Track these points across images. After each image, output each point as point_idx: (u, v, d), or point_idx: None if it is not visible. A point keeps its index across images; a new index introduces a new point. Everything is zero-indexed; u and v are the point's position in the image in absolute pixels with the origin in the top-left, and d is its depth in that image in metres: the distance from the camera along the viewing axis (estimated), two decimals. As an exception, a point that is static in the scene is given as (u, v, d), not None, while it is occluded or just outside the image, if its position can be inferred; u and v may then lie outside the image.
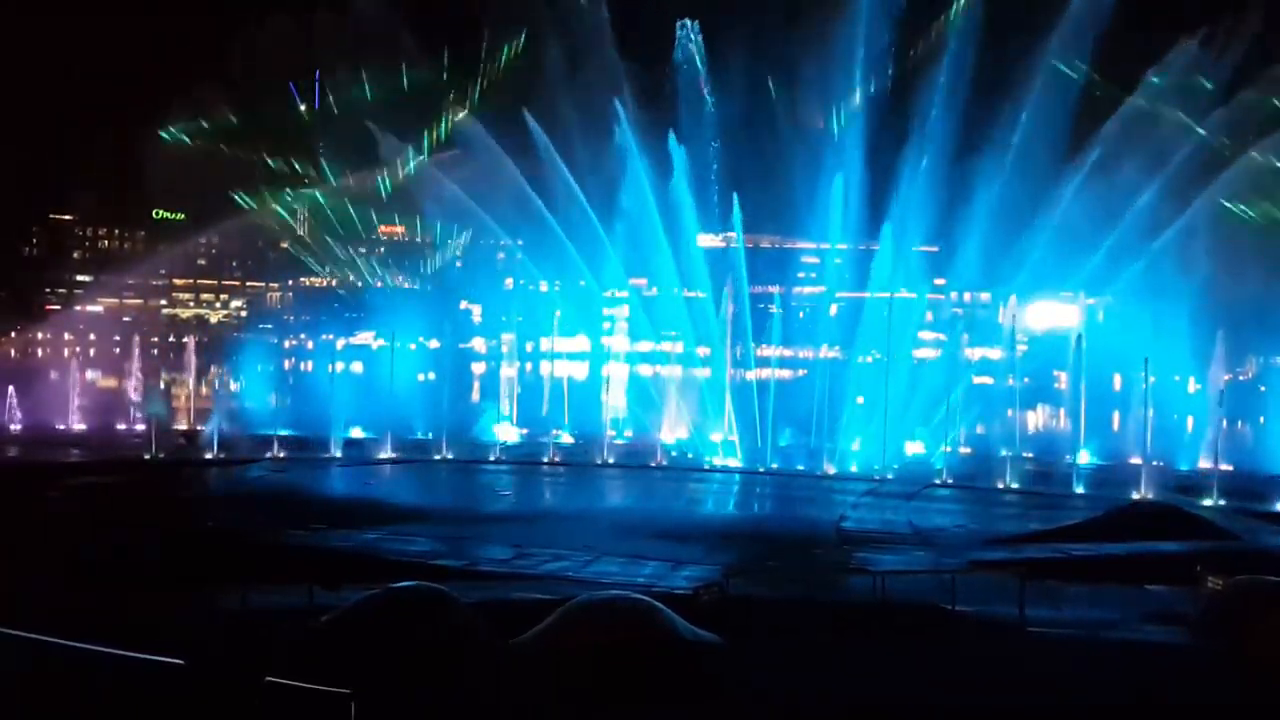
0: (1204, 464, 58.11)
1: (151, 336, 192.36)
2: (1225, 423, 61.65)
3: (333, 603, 23.32)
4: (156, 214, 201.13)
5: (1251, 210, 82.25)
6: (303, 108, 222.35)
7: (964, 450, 64.30)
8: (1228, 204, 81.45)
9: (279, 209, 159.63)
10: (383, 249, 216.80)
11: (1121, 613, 26.70)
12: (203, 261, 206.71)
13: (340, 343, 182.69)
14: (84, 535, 31.22)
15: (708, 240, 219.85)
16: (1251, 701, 20.17)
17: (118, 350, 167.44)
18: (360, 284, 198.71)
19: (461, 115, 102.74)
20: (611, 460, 58.96)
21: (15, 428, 64.68)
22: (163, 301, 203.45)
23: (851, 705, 19.45)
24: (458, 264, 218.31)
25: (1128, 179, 79.65)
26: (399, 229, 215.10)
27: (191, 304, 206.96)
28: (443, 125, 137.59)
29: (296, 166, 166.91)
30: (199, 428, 66.75)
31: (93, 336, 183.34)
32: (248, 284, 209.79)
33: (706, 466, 56.89)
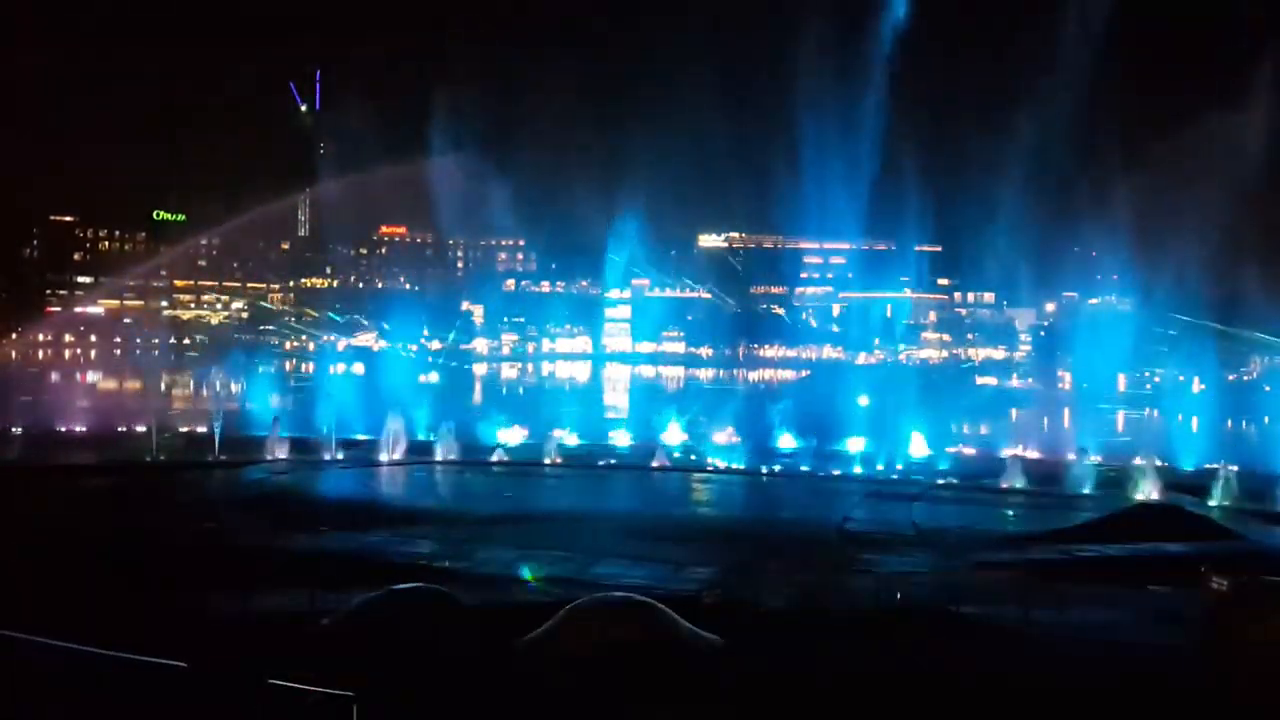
0: (1208, 464, 58.06)
1: (153, 338, 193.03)
2: (1230, 422, 61.66)
3: (334, 605, 23.27)
4: (157, 215, 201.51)
5: None
6: (303, 107, 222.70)
7: (968, 450, 64.18)
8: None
9: None
10: (384, 249, 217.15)
11: (1126, 614, 26.64)
12: (203, 263, 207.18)
13: (342, 344, 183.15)
14: (84, 537, 31.14)
15: (710, 240, 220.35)
16: (1255, 702, 20.10)
17: (118, 351, 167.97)
18: (362, 285, 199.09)
19: None
20: (613, 461, 58.84)
21: (16, 429, 64.53)
22: (164, 303, 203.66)
23: (853, 706, 19.38)
24: (459, 265, 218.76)
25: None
26: (400, 229, 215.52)
27: (193, 305, 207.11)
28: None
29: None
30: (200, 429, 66.67)
31: (94, 338, 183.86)
32: (249, 285, 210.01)
33: (709, 467, 56.73)
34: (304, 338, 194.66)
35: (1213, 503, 45.56)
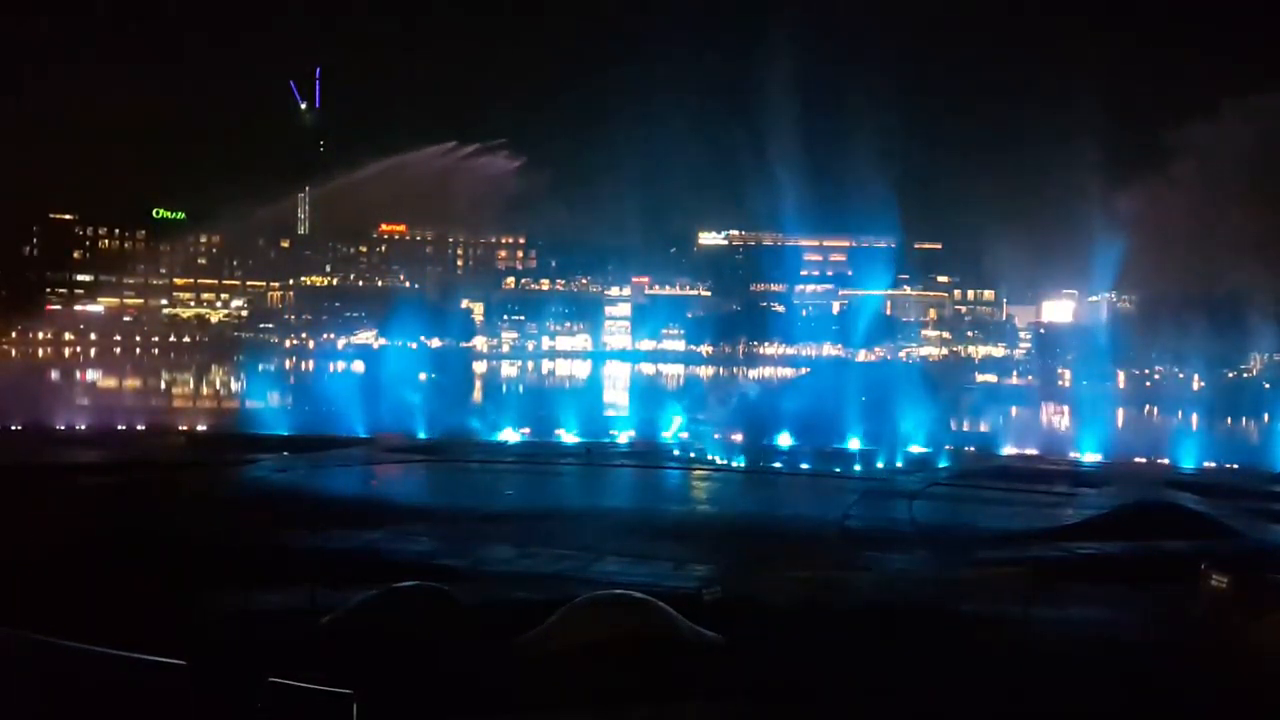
0: (1208, 461, 58.15)
1: (152, 336, 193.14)
2: (1229, 419, 61.76)
3: (335, 603, 23.29)
4: (157, 213, 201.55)
5: None
6: (303, 106, 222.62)
7: (968, 448, 64.21)
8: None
9: None
10: (384, 247, 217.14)
11: (1126, 611, 26.64)
12: (203, 261, 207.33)
13: (341, 342, 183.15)
14: (86, 535, 31.14)
15: (710, 238, 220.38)
16: (1254, 699, 20.13)
17: (118, 350, 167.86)
18: (361, 283, 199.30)
19: None
20: (614, 459, 58.83)
21: (16, 427, 64.51)
22: (163, 301, 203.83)
23: (853, 704, 19.38)
24: (458, 263, 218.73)
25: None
26: (400, 227, 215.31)
27: (192, 303, 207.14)
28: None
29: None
30: (200, 427, 66.76)
31: (94, 336, 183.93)
32: (248, 283, 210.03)
33: (709, 465, 56.71)
34: (304, 335, 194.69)
35: (1212, 500, 45.50)
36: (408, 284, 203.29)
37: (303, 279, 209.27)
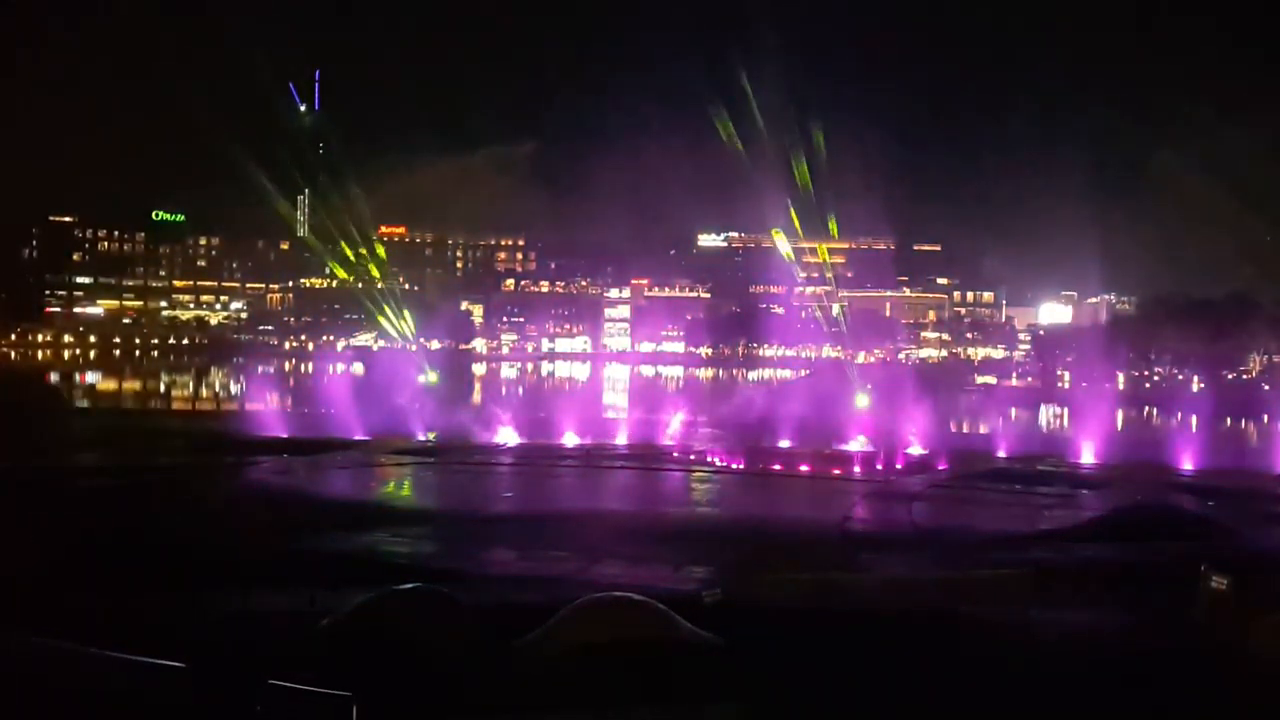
0: (1208, 463, 58.14)
1: (152, 338, 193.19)
2: (1229, 421, 61.74)
3: (335, 605, 23.27)
4: (156, 215, 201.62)
5: None
6: (302, 108, 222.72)
7: (967, 450, 64.18)
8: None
9: None
10: (384, 249, 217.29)
11: (1126, 613, 26.62)
12: (203, 263, 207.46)
13: (341, 344, 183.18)
14: (88, 537, 31.13)
15: (709, 240, 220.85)
16: (1255, 700, 20.14)
17: (117, 352, 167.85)
18: (361, 285, 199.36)
19: None
20: (613, 461, 58.83)
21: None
22: (163, 303, 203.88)
23: (853, 706, 19.37)
24: (458, 265, 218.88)
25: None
26: (400, 228, 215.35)
27: (192, 305, 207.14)
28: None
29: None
30: (200, 429, 66.76)
31: (93, 338, 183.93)
32: (248, 285, 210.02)
33: (709, 467, 56.69)
34: (303, 337, 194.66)
35: (1212, 502, 45.49)
36: (407, 285, 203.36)
37: (302, 281, 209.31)
